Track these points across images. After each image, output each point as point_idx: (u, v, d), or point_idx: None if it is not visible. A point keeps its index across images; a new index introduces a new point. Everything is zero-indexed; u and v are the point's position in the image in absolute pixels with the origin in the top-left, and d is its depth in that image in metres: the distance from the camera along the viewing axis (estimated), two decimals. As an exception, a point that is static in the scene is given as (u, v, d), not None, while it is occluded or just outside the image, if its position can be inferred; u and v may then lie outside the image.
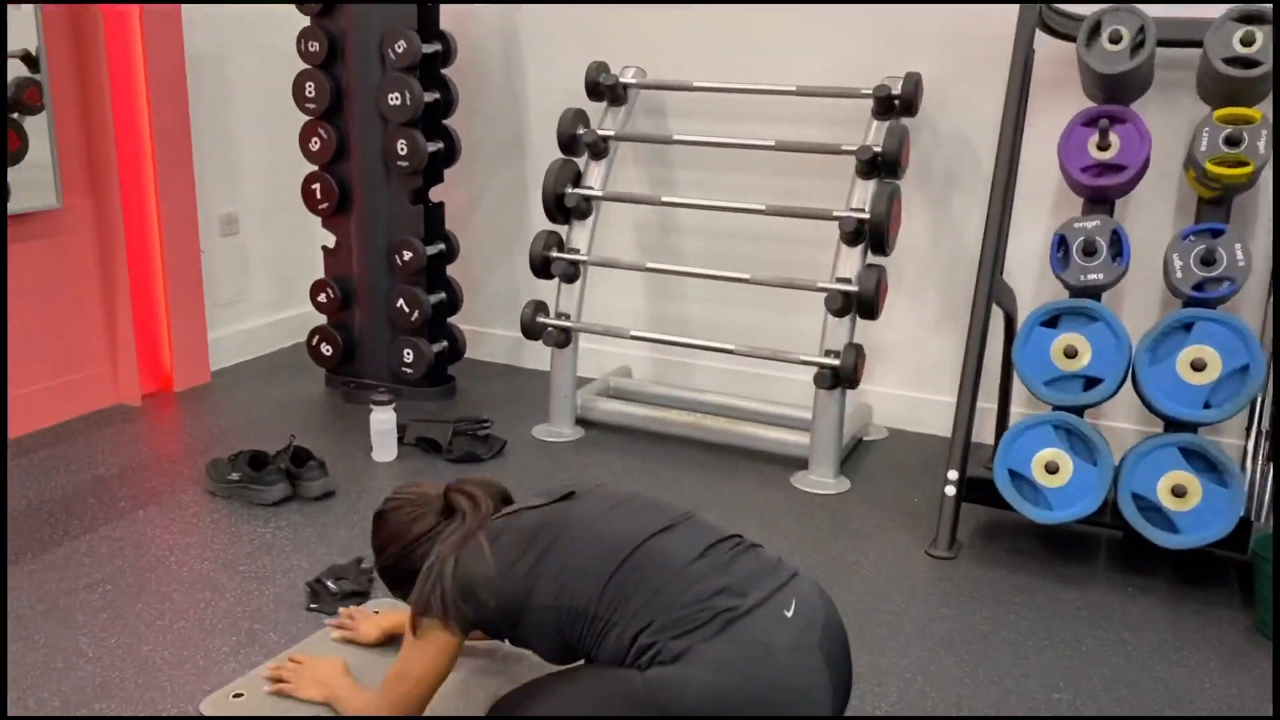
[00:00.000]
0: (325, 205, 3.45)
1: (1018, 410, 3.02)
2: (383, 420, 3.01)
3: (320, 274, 3.58)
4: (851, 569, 2.49)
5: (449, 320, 3.58)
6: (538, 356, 3.82)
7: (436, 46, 3.31)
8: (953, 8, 3.05)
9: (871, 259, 2.89)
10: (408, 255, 3.37)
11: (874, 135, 2.93)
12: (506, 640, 1.65)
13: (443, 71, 3.38)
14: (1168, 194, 2.90)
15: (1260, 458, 2.45)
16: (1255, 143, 2.43)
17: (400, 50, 3.21)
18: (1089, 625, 2.27)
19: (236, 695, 1.90)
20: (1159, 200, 2.91)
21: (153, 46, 3.25)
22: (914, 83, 2.93)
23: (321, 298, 3.54)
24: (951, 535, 2.57)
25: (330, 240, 3.56)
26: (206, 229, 3.62)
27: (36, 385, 3.15)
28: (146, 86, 3.26)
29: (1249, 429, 2.51)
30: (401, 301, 3.41)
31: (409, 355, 3.45)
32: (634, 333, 3.24)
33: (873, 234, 2.81)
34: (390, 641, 1.90)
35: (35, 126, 3.03)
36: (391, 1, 3.21)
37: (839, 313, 2.85)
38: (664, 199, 3.25)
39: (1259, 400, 2.48)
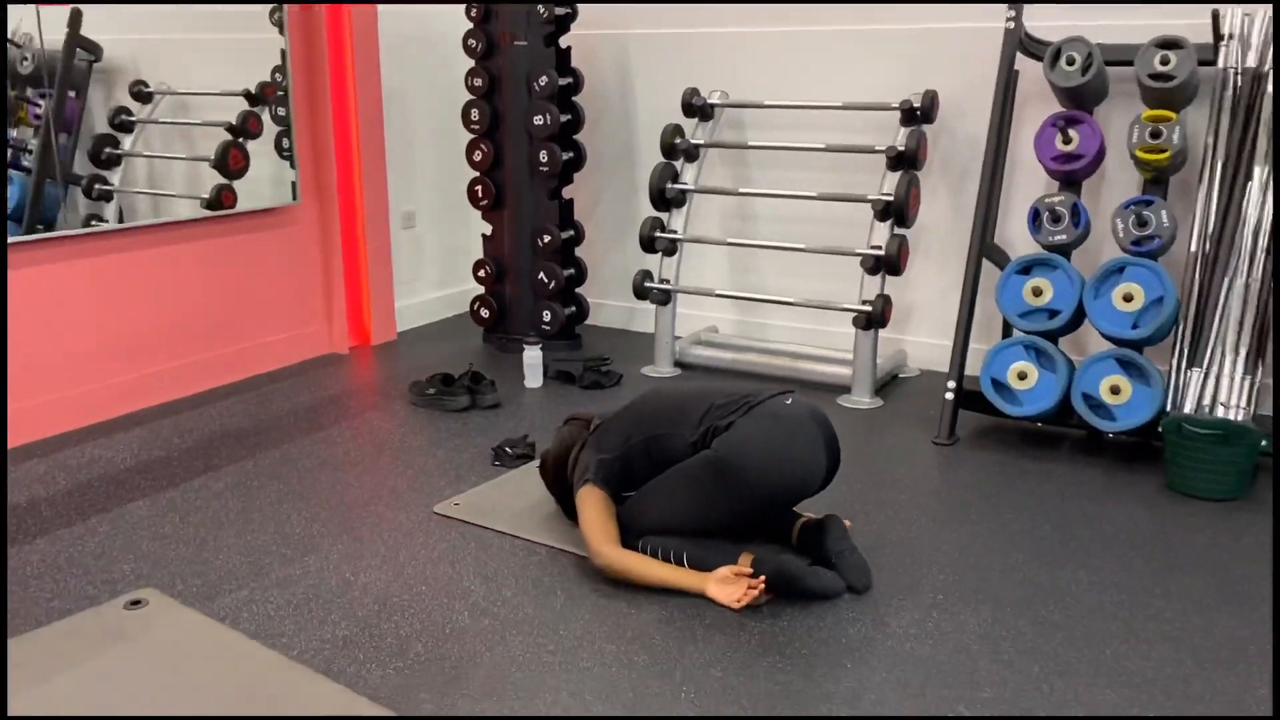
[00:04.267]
0: (485, 202, 4.53)
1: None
2: (533, 356, 4.06)
3: (479, 256, 4.66)
4: (880, 451, 3.43)
5: (577, 290, 4.62)
6: (644, 320, 4.85)
7: (569, 79, 4.37)
8: (966, 39, 3.96)
9: (897, 231, 3.82)
10: (547, 239, 4.42)
11: (901, 139, 3.87)
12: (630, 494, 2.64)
13: (573, 99, 4.43)
14: (1130, 176, 3.75)
15: (1178, 368, 3.30)
16: (1171, 135, 3.29)
17: (543, 83, 4.27)
18: (1045, 481, 3.16)
19: (456, 504, 2.96)
20: (1124, 180, 3.76)
21: (361, 84, 4.37)
22: (930, 98, 3.86)
23: (481, 273, 4.62)
24: (951, 428, 3.49)
25: (487, 229, 4.64)
26: (392, 223, 4.74)
27: (278, 335, 4.28)
28: (356, 116, 4.38)
29: (1173, 347, 3.35)
30: (542, 274, 4.46)
31: (547, 315, 4.50)
32: (718, 291, 4.26)
33: (896, 212, 3.75)
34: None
35: (255, 148, 4.10)
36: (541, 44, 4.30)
37: (872, 271, 3.79)
38: (741, 190, 4.24)
39: (1178, 324, 3.32)
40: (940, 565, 2.62)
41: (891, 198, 3.76)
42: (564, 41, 4.38)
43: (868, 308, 3.78)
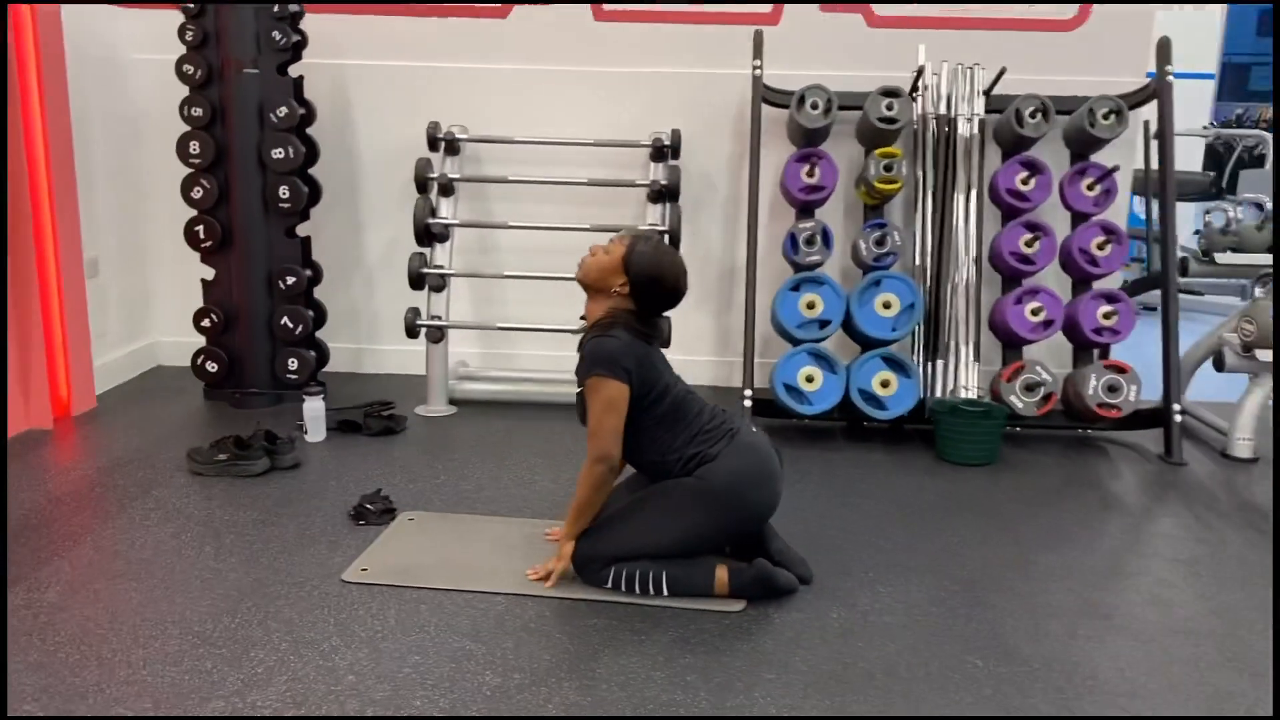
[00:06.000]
0: (209, 243, 4.08)
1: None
2: (315, 407, 3.75)
3: (196, 306, 4.16)
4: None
5: (316, 335, 4.32)
6: (376, 360, 4.69)
7: (304, 110, 4.09)
8: (691, 83, 4.38)
9: (669, 257, 4.11)
10: (291, 280, 4.10)
11: (658, 173, 4.18)
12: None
13: (307, 130, 4.15)
14: (840, 205, 4.40)
15: (921, 361, 3.99)
16: (900, 169, 3.96)
17: (283, 114, 3.97)
18: (853, 467, 3.64)
19: (363, 570, 2.73)
20: (839, 208, 4.39)
21: (51, 111, 3.72)
22: (678, 136, 4.22)
23: (205, 322, 4.14)
24: (752, 433, 3.86)
25: (207, 274, 4.17)
26: (80, 271, 4.07)
27: (-29, 414, 3.51)
28: (46, 148, 3.72)
29: (913, 344, 4.03)
30: (286, 319, 4.12)
31: (294, 364, 4.16)
32: (500, 324, 4.25)
33: (672, 242, 4.05)
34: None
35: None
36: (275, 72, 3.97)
37: (653, 295, 4.05)
38: (511, 224, 4.27)
39: (919, 325, 4.01)
40: (846, 549, 2.95)
41: (666, 228, 4.05)
42: (294, 70, 4.10)
43: (655, 330, 4.02)
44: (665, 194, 4.12)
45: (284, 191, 4.02)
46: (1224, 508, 3.38)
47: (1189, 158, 7.55)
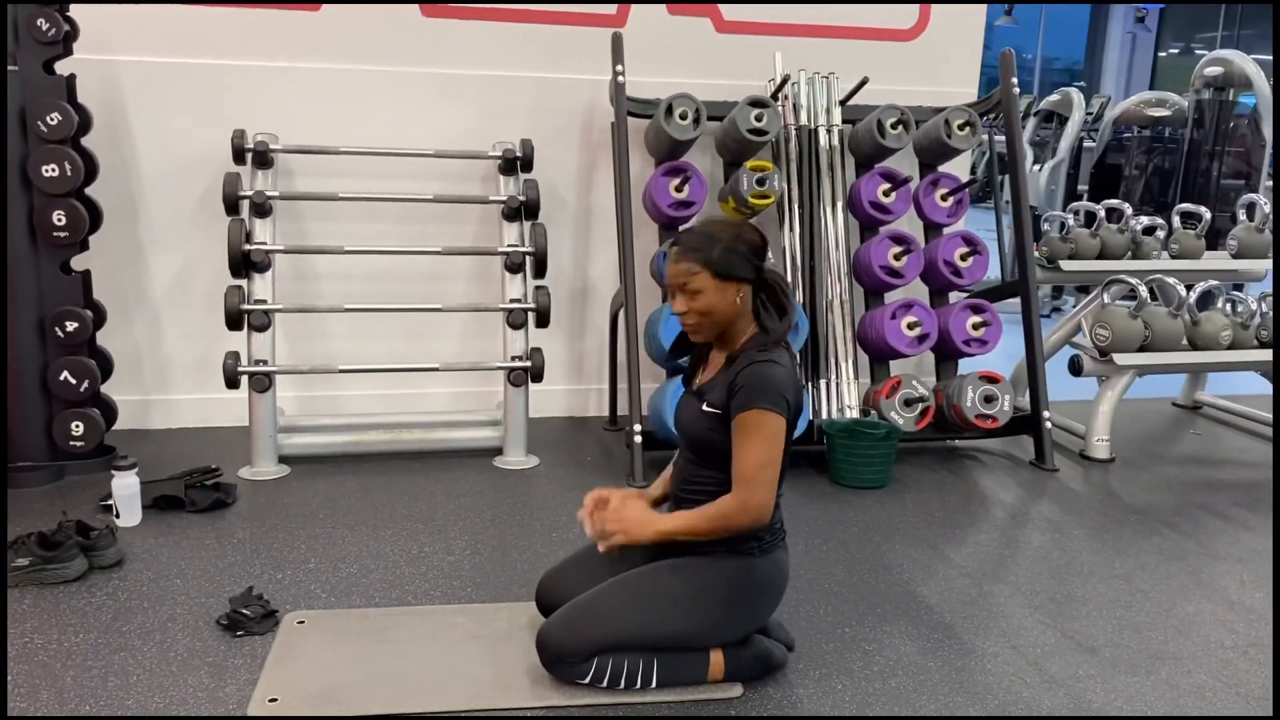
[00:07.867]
0: (-44, 284, 3.23)
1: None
2: (127, 484, 3.05)
3: (-62, 360, 3.30)
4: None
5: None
6: (165, 414, 3.97)
7: (79, 116, 3.33)
8: (532, 88, 3.99)
9: (538, 282, 3.71)
10: (72, 327, 3.33)
11: (507, 188, 3.77)
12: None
13: (82, 142, 3.39)
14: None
15: (805, 381, 3.84)
16: (773, 182, 3.78)
17: (55, 122, 3.20)
18: (755, 503, 3.42)
19: (271, 700, 2.19)
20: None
21: None
22: (530, 147, 3.82)
23: (-45, 384, 3.28)
24: (644, 470, 3.55)
25: (-48, 322, 3.31)
26: None
27: None
28: None
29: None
30: (67, 374, 3.34)
31: (78, 428, 3.38)
32: (342, 367, 3.66)
33: (538, 263, 3.66)
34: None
35: None
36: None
37: (519, 326, 3.64)
38: (348, 248, 3.69)
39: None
40: (801, 600, 2.71)
41: (532, 249, 3.65)
42: (63, 67, 3.33)
43: (526, 363, 3.62)
44: (523, 210, 3.71)
45: (59, 217, 3.25)
46: (1116, 513, 3.46)
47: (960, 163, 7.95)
